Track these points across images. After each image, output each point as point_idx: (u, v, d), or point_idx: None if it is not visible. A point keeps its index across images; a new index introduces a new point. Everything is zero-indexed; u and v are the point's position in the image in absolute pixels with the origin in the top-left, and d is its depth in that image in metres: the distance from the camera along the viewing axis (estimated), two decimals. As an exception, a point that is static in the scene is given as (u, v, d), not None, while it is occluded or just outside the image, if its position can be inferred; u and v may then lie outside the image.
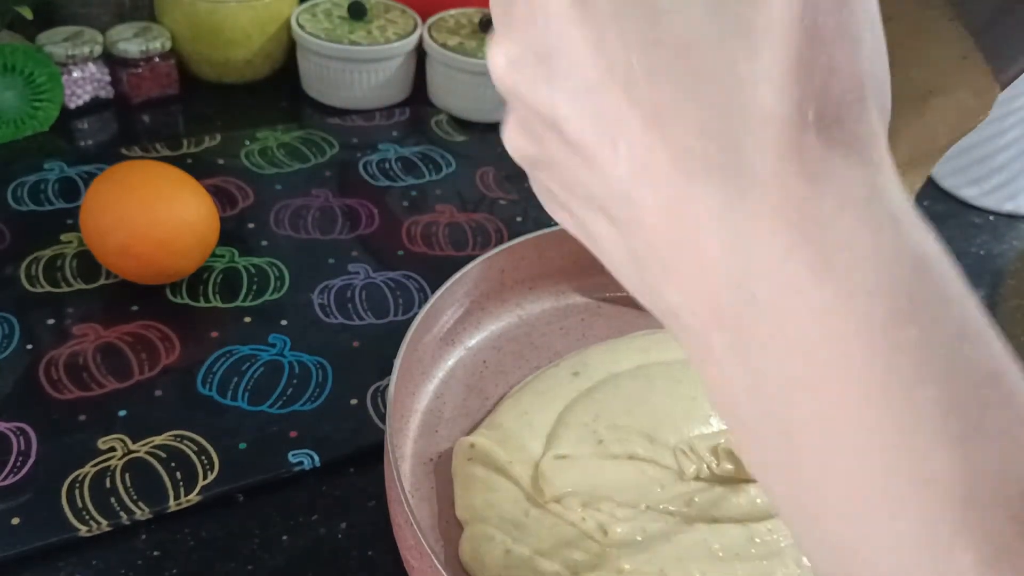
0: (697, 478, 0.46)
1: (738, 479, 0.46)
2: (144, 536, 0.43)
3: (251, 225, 0.61)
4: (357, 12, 0.75)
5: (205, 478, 0.45)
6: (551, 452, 0.46)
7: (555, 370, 0.51)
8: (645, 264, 0.22)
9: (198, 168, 0.65)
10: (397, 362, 0.42)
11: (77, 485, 0.44)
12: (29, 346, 0.51)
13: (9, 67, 0.65)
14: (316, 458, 0.46)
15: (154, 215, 0.51)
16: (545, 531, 0.43)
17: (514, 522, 0.43)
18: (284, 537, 0.44)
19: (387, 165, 0.69)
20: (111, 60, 0.71)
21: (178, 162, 0.65)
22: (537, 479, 0.45)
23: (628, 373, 0.51)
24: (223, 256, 0.58)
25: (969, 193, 0.73)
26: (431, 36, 0.75)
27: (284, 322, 0.54)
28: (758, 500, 0.46)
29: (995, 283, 0.67)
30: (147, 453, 0.46)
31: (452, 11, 0.78)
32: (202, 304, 0.55)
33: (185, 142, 0.68)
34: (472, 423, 0.48)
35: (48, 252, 0.57)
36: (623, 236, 0.22)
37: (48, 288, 0.55)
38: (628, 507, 0.44)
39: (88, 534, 0.42)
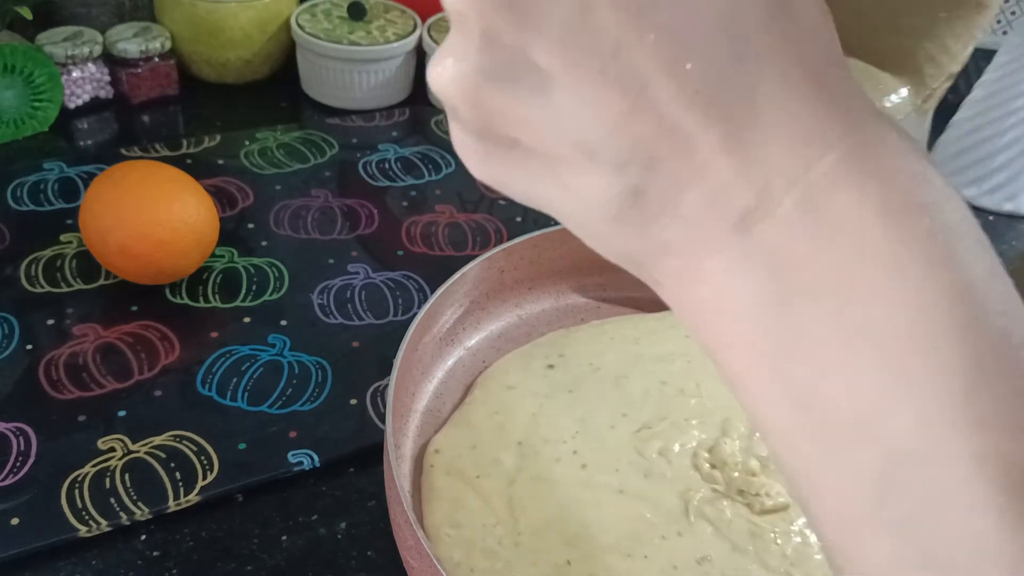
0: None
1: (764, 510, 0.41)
2: (144, 536, 0.43)
3: (251, 225, 0.61)
4: (357, 12, 0.75)
5: (205, 478, 0.45)
6: (526, 472, 0.43)
7: (528, 360, 0.49)
8: (645, 205, 0.21)
9: (198, 168, 0.65)
10: (397, 362, 0.42)
11: (77, 485, 0.44)
12: (29, 346, 0.51)
13: (9, 67, 0.65)
14: (316, 458, 0.46)
15: (154, 215, 0.51)
16: (523, 569, 0.38)
17: (485, 550, 0.39)
18: (284, 537, 0.44)
19: (387, 165, 0.69)
20: (111, 60, 0.71)
21: (178, 162, 0.65)
22: (510, 502, 0.41)
23: (611, 368, 0.49)
24: (223, 256, 0.58)
25: (969, 193, 0.73)
26: (431, 36, 0.75)
27: (284, 322, 0.54)
28: (788, 551, 0.40)
29: (995, 283, 0.67)
30: (147, 453, 0.46)
31: (452, 11, 0.78)
32: (202, 304, 0.55)
33: (185, 142, 0.68)
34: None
35: (48, 252, 0.57)
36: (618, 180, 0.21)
37: (48, 288, 0.55)
38: (623, 554, 0.39)
39: (88, 534, 0.42)
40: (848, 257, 0.19)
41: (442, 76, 0.22)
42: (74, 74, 0.70)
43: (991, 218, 0.72)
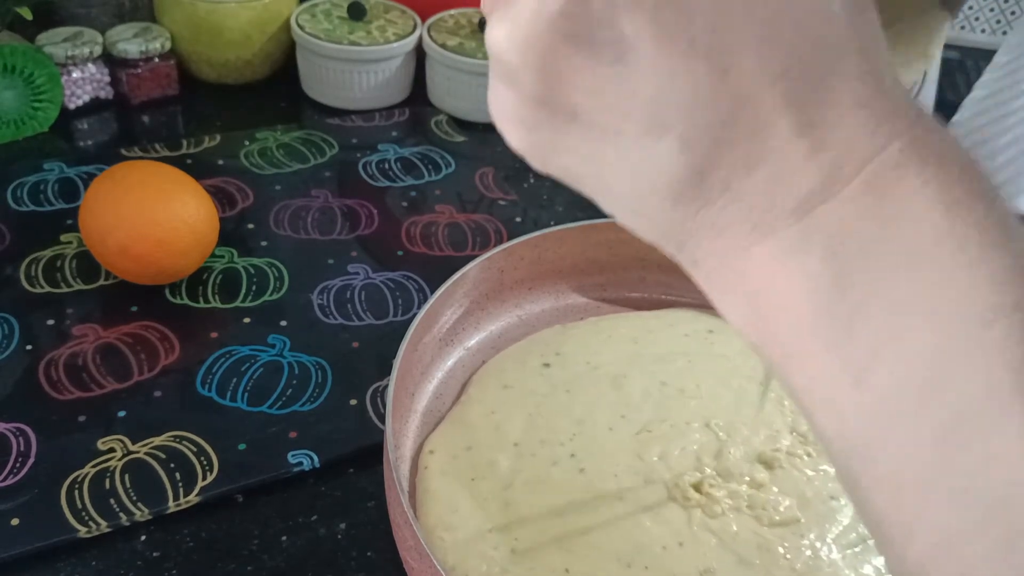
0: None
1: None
2: (143, 537, 0.43)
3: (251, 225, 0.61)
4: (357, 12, 0.75)
5: (204, 479, 0.45)
6: (523, 475, 0.42)
7: (524, 357, 0.49)
8: (707, 183, 0.21)
9: (198, 168, 0.65)
10: (396, 362, 0.42)
11: (76, 486, 0.44)
12: (29, 347, 0.51)
13: (9, 67, 0.65)
14: (315, 458, 0.46)
15: (154, 215, 0.51)
16: None
17: (480, 556, 0.38)
18: (283, 538, 0.44)
19: (387, 165, 0.69)
20: (111, 60, 0.71)
21: (178, 163, 0.65)
22: (507, 506, 0.41)
23: (609, 367, 0.48)
24: (222, 256, 0.58)
25: (969, 193, 0.73)
26: (431, 36, 0.75)
27: (283, 323, 0.54)
28: (797, 565, 0.39)
29: (995, 283, 0.67)
30: (146, 454, 0.46)
31: (452, 11, 0.78)
32: (201, 305, 0.55)
33: (185, 142, 0.68)
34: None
35: (48, 252, 0.57)
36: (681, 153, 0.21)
37: (48, 288, 0.55)
38: (623, 564, 0.38)
39: (87, 535, 0.42)
40: (909, 237, 0.20)
41: (509, 33, 0.21)
42: (74, 74, 0.70)
43: (991, 218, 0.72)
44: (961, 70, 0.88)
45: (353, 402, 0.50)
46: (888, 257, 0.20)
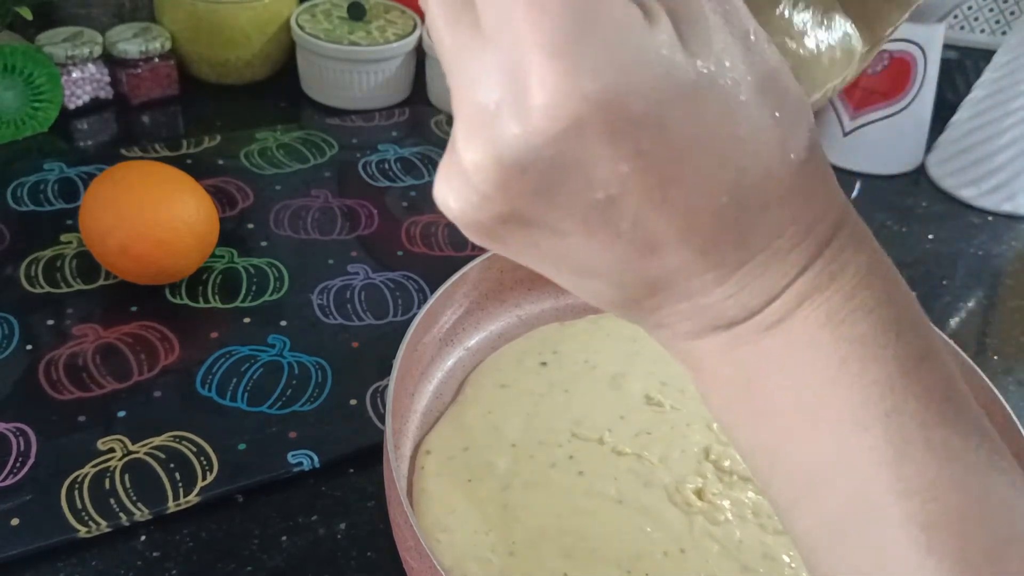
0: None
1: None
2: (143, 537, 0.43)
3: (250, 226, 0.62)
4: (356, 12, 0.75)
5: (204, 479, 0.45)
6: (520, 477, 0.42)
7: (521, 356, 0.49)
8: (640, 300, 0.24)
9: (198, 168, 0.65)
10: (396, 362, 0.42)
11: (76, 486, 0.44)
12: (29, 347, 0.51)
13: (9, 67, 0.65)
14: (315, 459, 0.46)
15: (154, 215, 0.52)
16: None
17: (477, 558, 0.38)
18: (283, 538, 0.44)
19: (387, 165, 0.69)
20: (111, 61, 0.71)
21: (178, 163, 0.65)
22: (505, 508, 0.40)
23: (607, 366, 0.48)
24: (222, 257, 0.58)
25: (968, 193, 0.73)
26: (431, 37, 0.75)
27: (283, 323, 0.54)
28: (803, 575, 0.38)
29: (993, 283, 0.67)
30: (146, 454, 0.46)
31: (451, 11, 0.78)
32: (201, 305, 0.55)
33: (185, 143, 0.68)
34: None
35: (48, 252, 0.57)
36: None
37: (48, 288, 0.55)
38: (623, 570, 0.38)
39: (87, 535, 0.42)
40: (803, 355, 0.24)
41: (449, 209, 0.23)
42: (74, 75, 0.70)
43: (990, 218, 0.72)
44: (961, 70, 0.88)
45: (353, 402, 0.50)
46: (788, 372, 0.24)
